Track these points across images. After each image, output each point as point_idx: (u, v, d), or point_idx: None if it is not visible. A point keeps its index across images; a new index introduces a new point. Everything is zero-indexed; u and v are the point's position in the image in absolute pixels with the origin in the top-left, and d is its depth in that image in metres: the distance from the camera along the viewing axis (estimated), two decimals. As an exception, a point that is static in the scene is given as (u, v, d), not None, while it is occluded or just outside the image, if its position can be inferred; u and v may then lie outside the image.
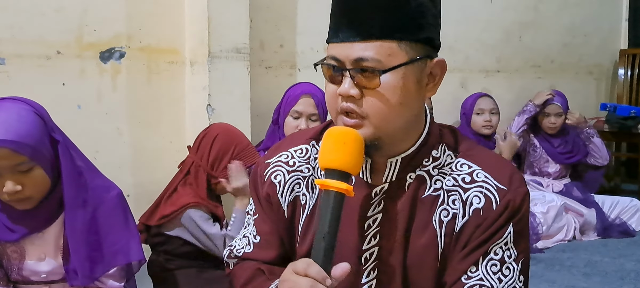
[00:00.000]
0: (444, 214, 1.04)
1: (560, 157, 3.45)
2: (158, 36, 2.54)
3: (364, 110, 0.98)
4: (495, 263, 1.01)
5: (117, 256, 1.49)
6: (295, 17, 2.92)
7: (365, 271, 1.07)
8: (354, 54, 0.96)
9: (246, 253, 1.18)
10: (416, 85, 1.00)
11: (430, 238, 1.04)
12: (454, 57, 3.54)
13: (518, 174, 1.06)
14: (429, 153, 1.06)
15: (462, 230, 1.03)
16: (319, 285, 0.90)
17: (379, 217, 1.06)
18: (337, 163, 0.95)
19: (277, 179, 1.14)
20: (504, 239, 1.01)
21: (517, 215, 1.02)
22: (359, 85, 0.97)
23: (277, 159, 1.16)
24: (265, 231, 1.17)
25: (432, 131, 1.08)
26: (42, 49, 2.30)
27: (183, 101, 2.63)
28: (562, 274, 2.58)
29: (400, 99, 0.97)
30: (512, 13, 3.82)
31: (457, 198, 1.04)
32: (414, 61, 0.97)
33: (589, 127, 3.46)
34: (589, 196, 3.33)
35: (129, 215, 1.55)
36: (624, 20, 4.46)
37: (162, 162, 2.49)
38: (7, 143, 1.29)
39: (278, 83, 2.78)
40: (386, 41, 0.95)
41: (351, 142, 0.96)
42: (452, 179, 1.04)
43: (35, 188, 1.38)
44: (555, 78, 4.05)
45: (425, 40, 0.99)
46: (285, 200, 1.13)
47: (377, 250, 1.06)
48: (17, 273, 1.50)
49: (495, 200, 1.01)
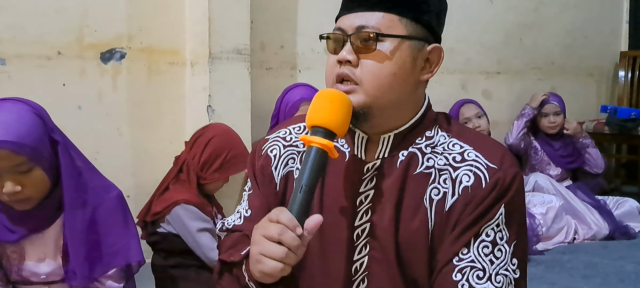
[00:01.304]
0: (435, 193, 1.04)
1: (561, 160, 3.45)
2: (159, 37, 2.55)
3: (358, 76, 1.02)
4: (487, 244, 1.00)
5: (116, 257, 1.49)
6: (296, 19, 2.93)
7: (358, 246, 1.08)
8: (356, 22, 1.03)
9: (236, 226, 1.20)
10: (412, 62, 1.03)
11: (422, 217, 1.04)
12: (454, 58, 3.54)
13: (510, 155, 1.06)
14: (423, 133, 1.08)
15: (451, 208, 1.03)
16: (288, 232, 0.91)
17: (371, 193, 1.07)
18: (322, 121, 0.98)
19: (272, 153, 1.17)
20: (495, 220, 1.01)
21: (507, 194, 1.01)
22: (356, 51, 1.02)
23: (275, 135, 1.20)
24: (256, 205, 1.18)
25: (428, 115, 1.10)
26: (43, 50, 2.30)
27: (183, 102, 2.63)
28: (562, 276, 2.58)
29: (393, 69, 1.01)
30: (513, 15, 3.82)
31: (447, 177, 1.04)
32: (412, 38, 1.02)
33: (585, 137, 3.45)
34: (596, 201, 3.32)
35: (129, 216, 1.55)
36: (624, 22, 4.46)
37: (162, 163, 2.49)
38: (7, 143, 1.29)
39: (278, 84, 2.78)
40: (388, 13, 1.02)
41: (338, 102, 0.99)
42: (444, 158, 1.06)
43: (35, 189, 1.38)
44: (556, 80, 4.05)
45: (425, 23, 1.04)
46: (279, 173, 1.15)
47: (369, 226, 1.07)
48: (16, 274, 1.50)
49: (484, 178, 1.01)
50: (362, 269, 1.08)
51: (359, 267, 1.08)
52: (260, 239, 0.93)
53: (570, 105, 3.59)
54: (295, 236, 0.91)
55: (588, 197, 3.33)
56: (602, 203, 3.30)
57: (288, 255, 0.91)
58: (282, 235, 0.91)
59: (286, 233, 0.91)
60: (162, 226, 2.08)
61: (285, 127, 1.21)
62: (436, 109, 1.14)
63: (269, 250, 0.91)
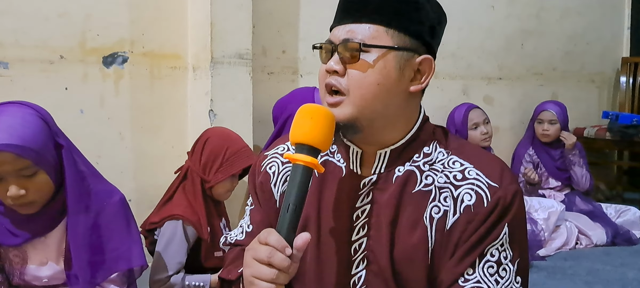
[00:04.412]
0: (435, 211, 1.05)
1: (558, 173, 3.44)
2: (161, 41, 2.55)
3: (344, 86, 1.03)
4: (492, 265, 1.02)
5: (118, 261, 1.49)
6: (298, 24, 2.93)
7: (355, 261, 1.09)
8: (344, 33, 1.04)
9: (238, 240, 1.23)
10: (398, 72, 1.03)
11: (421, 234, 1.05)
12: (455, 64, 3.54)
13: (509, 171, 1.07)
14: (420, 148, 1.09)
15: (453, 227, 1.04)
16: (277, 253, 0.92)
17: (368, 208, 1.08)
18: (305, 138, 0.98)
19: (271, 170, 1.19)
20: (499, 240, 1.02)
21: (509, 212, 1.02)
22: (343, 62, 1.03)
23: (274, 151, 1.21)
24: (257, 220, 1.21)
25: (425, 128, 1.10)
26: (46, 54, 2.30)
27: (185, 106, 2.63)
28: (564, 283, 2.57)
29: (377, 78, 1.02)
30: (514, 20, 3.83)
31: (448, 195, 1.05)
32: (398, 49, 1.02)
33: (574, 155, 3.40)
34: (596, 207, 3.31)
35: (132, 220, 1.55)
36: (626, 28, 4.46)
37: (164, 167, 2.49)
38: (11, 147, 1.29)
39: (280, 89, 2.79)
40: (375, 25, 1.02)
41: (319, 117, 0.99)
42: (444, 176, 1.06)
43: (39, 193, 1.38)
44: (557, 86, 4.05)
45: (415, 34, 1.04)
46: (278, 190, 1.17)
47: (365, 241, 1.08)
48: (18, 278, 1.50)
49: (486, 197, 1.02)
50: (359, 284, 1.09)
51: (357, 281, 1.09)
52: (251, 261, 0.95)
53: (572, 111, 3.59)
54: (284, 257, 0.93)
55: (586, 204, 3.32)
56: (600, 210, 3.28)
57: (278, 276, 0.93)
58: (272, 258, 0.92)
59: (275, 255, 0.92)
60: (157, 235, 2.08)
61: (283, 143, 1.22)
62: (437, 114, 1.14)
63: (260, 272, 0.93)
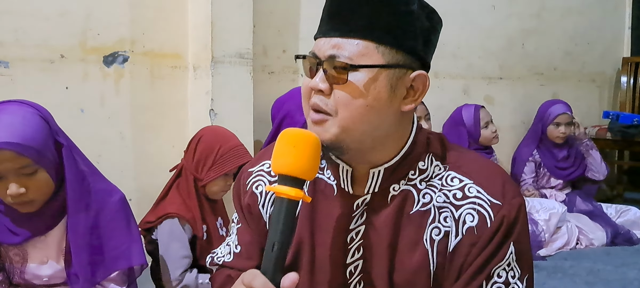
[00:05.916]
0: (436, 232, 1.00)
1: (561, 173, 3.43)
2: (161, 41, 2.55)
3: (331, 106, 0.95)
4: (500, 286, 0.98)
5: (118, 260, 1.49)
6: (298, 23, 2.93)
7: (351, 284, 1.04)
8: (329, 49, 0.95)
9: (226, 262, 1.17)
10: (389, 91, 0.95)
11: (421, 257, 1.00)
12: (456, 63, 3.54)
13: (510, 183, 1.02)
14: (415, 164, 1.02)
15: (456, 250, 0.99)
16: None
17: (362, 229, 1.02)
18: (288, 169, 0.91)
19: (258, 190, 1.12)
20: (506, 260, 0.98)
21: (514, 230, 0.98)
22: (329, 80, 0.95)
23: (260, 168, 1.14)
24: (246, 241, 1.14)
25: (418, 140, 1.03)
26: (46, 53, 2.30)
27: (186, 106, 2.63)
28: (564, 282, 2.57)
29: (367, 100, 0.93)
30: (515, 20, 3.82)
31: (449, 215, 0.99)
32: (389, 67, 0.94)
33: (585, 143, 3.44)
34: (596, 207, 3.31)
35: (132, 219, 1.55)
36: (627, 28, 4.46)
37: (165, 167, 2.48)
38: (11, 145, 1.29)
39: (281, 88, 2.78)
40: (364, 40, 0.93)
41: (302, 145, 0.91)
42: (443, 195, 1.00)
43: (39, 192, 1.38)
44: (558, 85, 4.05)
45: (409, 49, 0.95)
46: (266, 211, 1.11)
47: (361, 263, 1.03)
48: (19, 277, 1.50)
49: (489, 216, 0.97)
50: None
51: None
52: None
53: (573, 111, 3.59)
54: None
55: (587, 204, 3.32)
56: (600, 210, 3.28)
57: None
58: None
59: None
60: (154, 235, 2.08)
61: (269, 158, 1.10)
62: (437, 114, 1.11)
63: None
